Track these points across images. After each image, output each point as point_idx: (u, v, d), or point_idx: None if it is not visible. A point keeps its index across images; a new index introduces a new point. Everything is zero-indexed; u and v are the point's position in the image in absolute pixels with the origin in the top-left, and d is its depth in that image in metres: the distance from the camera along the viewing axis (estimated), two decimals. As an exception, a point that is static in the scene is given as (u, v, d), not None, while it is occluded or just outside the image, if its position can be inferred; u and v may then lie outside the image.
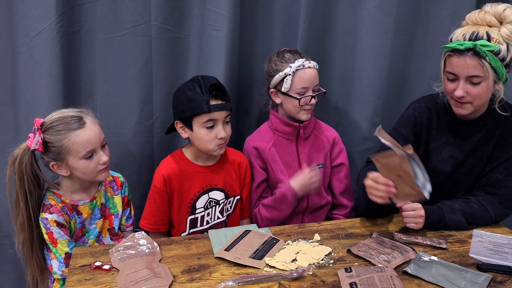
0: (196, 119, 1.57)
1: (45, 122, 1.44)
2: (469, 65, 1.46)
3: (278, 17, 1.90)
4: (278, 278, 1.25)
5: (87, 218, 1.54)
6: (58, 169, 1.47)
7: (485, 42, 1.43)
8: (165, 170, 1.63)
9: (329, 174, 1.87)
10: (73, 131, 1.42)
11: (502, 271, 1.31)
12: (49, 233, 1.46)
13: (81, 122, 1.45)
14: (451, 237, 1.50)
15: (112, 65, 1.76)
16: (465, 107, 1.54)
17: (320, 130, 1.85)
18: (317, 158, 1.82)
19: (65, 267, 1.47)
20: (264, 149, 1.78)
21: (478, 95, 1.50)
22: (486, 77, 1.46)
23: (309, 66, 1.70)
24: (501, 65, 1.45)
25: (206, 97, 1.54)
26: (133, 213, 1.68)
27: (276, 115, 1.79)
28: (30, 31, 1.62)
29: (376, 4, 1.88)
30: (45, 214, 1.46)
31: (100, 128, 1.50)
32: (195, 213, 1.68)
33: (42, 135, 1.42)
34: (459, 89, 1.50)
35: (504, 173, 1.58)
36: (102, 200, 1.59)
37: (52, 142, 1.42)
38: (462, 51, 1.46)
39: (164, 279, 1.23)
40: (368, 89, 1.97)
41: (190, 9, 1.79)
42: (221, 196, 1.71)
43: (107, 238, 1.61)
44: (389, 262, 1.33)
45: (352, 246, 1.42)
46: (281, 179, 1.78)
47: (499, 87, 1.50)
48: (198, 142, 1.61)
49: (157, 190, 1.63)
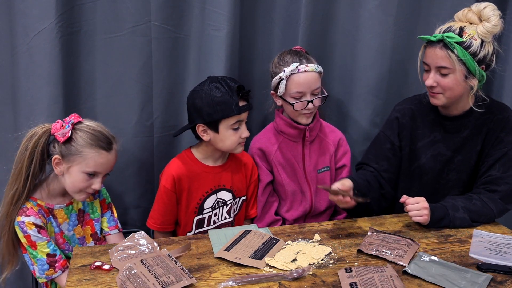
0: (224, 121, 1.56)
1: (82, 122, 1.46)
2: (438, 56, 1.53)
3: (278, 17, 1.90)
4: (278, 278, 1.25)
5: (62, 223, 1.53)
6: (56, 165, 1.46)
7: (452, 34, 1.51)
8: (175, 170, 1.63)
9: (334, 176, 1.86)
10: (98, 149, 1.44)
11: (502, 271, 1.31)
12: (27, 237, 1.44)
13: (109, 146, 1.47)
14: (451, 237, 1.50)
15: (112, 65, 1.76)
16: (438, 98, 1.60)
17: (325, 132, 1.83)
18: (322, 161, 1.80)
19: (49, 268, 1.46)
20: (270, 151, 1.77)
21: (448, 86, 1.55)
22: (454, 69, 1.52)
23: (305, 70, 1.64)
24: (472, 59, 1.50)
25: (235, 98, 1.54)
26: (116, 216, 1.67)
27: (281, 116, 1.76)
28: (30, 31, 1.61)
29: (376, 4, 1.88)
30: (21, 217, 1.44)
31: (116, 159, 1.52)
32: (202, 213, 1.68)
33: (72, 131, 1.43)
34: (429, 78, 1.58)
35: (501, 170, 1.60)
36: (80, 206, 1.58)
37: (76, 142, 1.42)
38: (434, 42, 1.54)
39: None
40: (368, 89, 1.97)
41: (190, 9, 1.78)
42: (229, 197, 1.71)
43: (91, 244, 1.60)
44: (402, 257, 1.34)
45: (359, 246, 1.41)
46: (287, 182, 1.77)
47: (473, 83, 1.55)
48: (221, 144, 1.61)
49: (166, 190, 1.63)
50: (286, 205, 1.80)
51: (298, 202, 1.79)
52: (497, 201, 1.58)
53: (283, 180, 1.77)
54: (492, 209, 1.56)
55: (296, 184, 1.78)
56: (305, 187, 1.79)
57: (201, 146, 1.68)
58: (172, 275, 1.22)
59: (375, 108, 1.99)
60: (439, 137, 1.69)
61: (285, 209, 1.80)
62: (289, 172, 1.77)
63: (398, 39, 1.94)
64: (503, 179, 1.59)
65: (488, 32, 1.50)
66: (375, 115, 2.00)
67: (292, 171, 1.77)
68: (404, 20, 1.93)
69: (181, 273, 1.24)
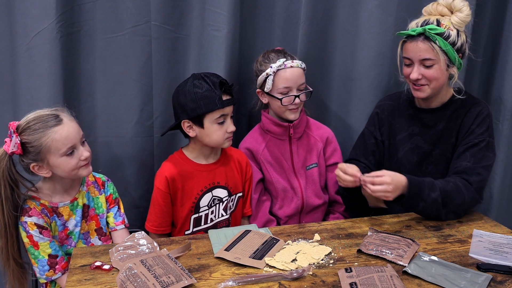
0: (208, 115, 1.58)
1: (20, 124, 1.42)
2: (421, 48, 1.58)
3: (278, 17, 1.91)
4: (278, 278, 1.25)
5: (68, 220, 1.53)
6: (39, 171, 1.44)
7: (433, 26, 1.56)
8: (168, 171, 1.64)
9: (324, 173, 1.87)
10: (51, 128, 1.40)
11: (502, 271, 1.31)
12: (29, 236, 1.44)
13: (58, 119, 1.43)
14: (451, 237, 1.50)
15: (112, 65, 1.76)
16: (423, 90, 1.65)
17: (311, 129, 1.86)
18: (310, 157, 1.83)
19: (49, 269, 1.46)
20: (257, 150, 1.79)
21: (433, 77, 1.61)
22: (438, 60, 1.58)
23: (291, 66, 1.69)
24: (452, 49, 1.58)
25: (218, 93, 1.55)
26: (123, 212, 1.66)
27: (266, 116, 1.80)
28: (30, 31, 1.62)
29: (376, 4, 1.88)
30: (24, 218, 1.44)
31: (78, 124, 1.48)
32: (199, 211, 1.68)
33: (20, 137, 1.39)
34: (414, 72, 1.62)
35: (472, 160, 1.61)
36: (85, 201, 1.57)
37: (30, 142, 1.40)
38: (414, 36, 1.60)
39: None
40: (368, 89, 1.98)
41: (190, 9, 1.79)
42: (224, 194, 1.71)
43: (95, 239, 1.60)
44: (402, 257, 1.34)
45: (359, 246, 1.41)
46: (277, 180, 1.78)
47: (453, 71, 1.63)
48: (208, 139, 1.62)
49: (160, 192, 1.63)
50: (278, 203, 1.82)
51: (289, 199, 1.81)
52: (470, 189, 1.57)
53: (273, 177, 1.79)
54: (464, 195, 1.55)
55: (286, 181, 1.80)
56: (295, 184, 1.81)
57: (190, 144, 1.70)
58: (172, 275, 1.22)
59: (375, 108, 1.99)
60: (417, 130, 1.75)
61: (278, 207, 1.82)
62: (278, 169, 1.80)
63: (398, 39, 1.93)
64: (474, 170, 1.59)
65: (462, 22, 1.58)
66: (375, 115, 2.00)
67: (280, 169, 1.80)
68: (404, 20, 1.92)
69: (181, 273, 1.24)
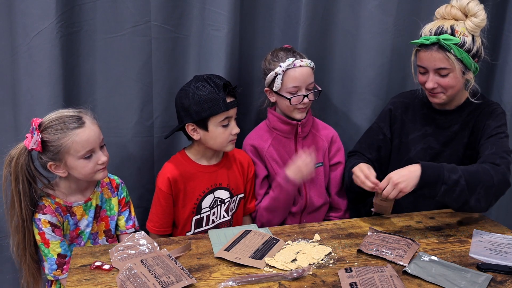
0: (213, 119, 1.56)
1: (43, 122, 1.44)
2: (436, 58, 1.56)
3: (278, 17, 1.90)
4: (278, 278, 1.26)
5: (81, 219, 1.53)
6: (55, 170, 1.46)
7: (448, 36, 1.53)
8: (170, 172, 1.63)
9: (328, 173, 1.87)
10: (73, 130, 1.42)
11: (502, 271, 1.31)
12: (41, 234, 1.45)
13: (80, 121, 1.45)
14: (451, 237, 1.50)
15: (112, 65, 1.76)
16: (439, 97, 1.64)
17: (317, 128, 1.85)
18: (316, 157, 1.81)
19: (57, 268, 1.47)
20: (262, 148, 1.78)
21: (448, 85, 1.59)
22: (453, 69, 1.55)
23: (300, 65, 1.68)
24: (467, 56, 1.55)
25: (222, 95, 1.54)
26: (134, 215, 1.67)
27: (273, 113, 1.79)
28: (30, 31, 1.61)
29: (376, 4, 1.88)
30: (39, 215, 1.45)
31: (99, 128, 1.49)
32: (200, 213, 1.68)
33: (41, 135, 1.41)
34: (429, 81, 1.60)
35: (494, 148, 1.58)
36: (98, 202, 1.58)
37: (51, 141, 1.41)
38: (428, 45, 1.56)
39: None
40: (368, 89, 1.97)
41: (190, 9, 1.79)
42: (226, 195, 1.71)
43: (103, 240, 1.60)
44: (402, 257, 1.34)
45: (359, 246, 1.41)
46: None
47: (470, 77, 1.59)
48: (212, 141, 1.61)
49: (162, 193, 1.63)
50: None
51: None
52: (498, 170, 1.50)
53: (277, 175, 1.77)
54: (493, 176, 1.48)
55: None
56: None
57: (193, 146, 1.69)
58: (172, 275, 1.22)
59: (375, 108, 1.98)
60: (430, 131, 1.73)
61: None
62: (283, 167, 1.78)
63: (398, 39, 1.94)
64: (498, 154, 1.56)
65: (478, 27, 1.55)
66: (375, 115, 1.99)
67: (285, 166, 1.78)
68: (404, 20, 1.93)
69: (181, 273, 1.24)
